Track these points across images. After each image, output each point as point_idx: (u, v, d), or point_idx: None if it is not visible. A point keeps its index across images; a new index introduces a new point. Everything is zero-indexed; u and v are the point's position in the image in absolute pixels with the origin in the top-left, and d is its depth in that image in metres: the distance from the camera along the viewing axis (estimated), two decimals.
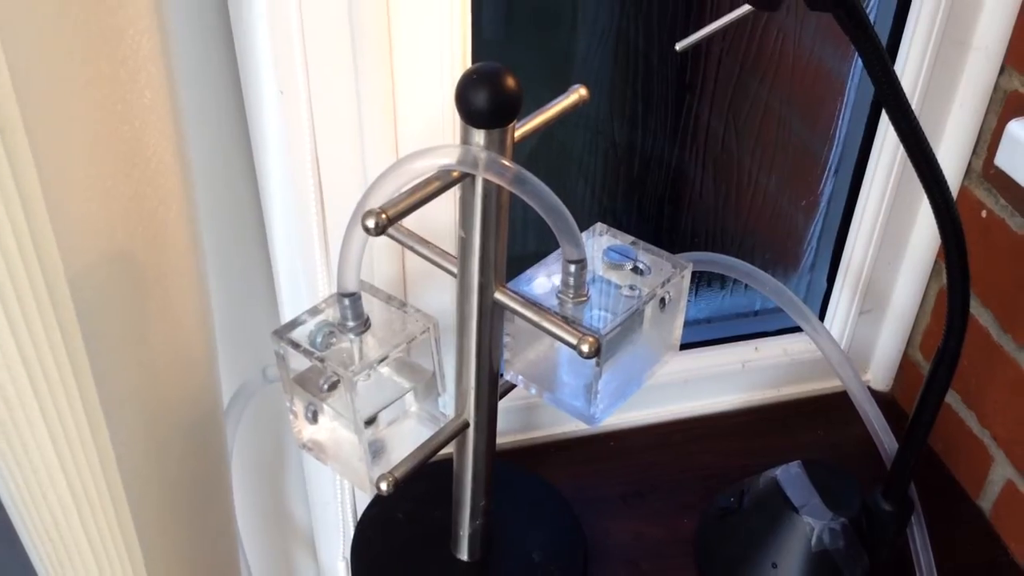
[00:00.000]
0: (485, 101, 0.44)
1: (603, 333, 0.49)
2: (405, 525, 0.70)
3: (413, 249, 0.54)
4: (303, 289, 0.63)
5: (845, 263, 0.77)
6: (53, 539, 0.54)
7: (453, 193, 0.48)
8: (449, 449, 0.60)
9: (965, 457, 0.75)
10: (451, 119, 0.58)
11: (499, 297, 0.52)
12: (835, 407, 0.82)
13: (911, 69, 0.66)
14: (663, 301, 0.55)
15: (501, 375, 0.57)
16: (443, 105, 0.58)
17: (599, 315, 0.52)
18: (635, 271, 0.55)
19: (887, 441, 0.67)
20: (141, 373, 0.51)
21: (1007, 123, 0.61)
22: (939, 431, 0.77)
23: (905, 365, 0.82)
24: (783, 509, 0.65)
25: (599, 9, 0.67)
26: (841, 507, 0.64)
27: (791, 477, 0.67)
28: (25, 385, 0.47)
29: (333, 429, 0.57)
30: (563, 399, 0.55)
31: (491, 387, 0.57)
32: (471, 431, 0.59)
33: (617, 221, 0.58)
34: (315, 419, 0.57)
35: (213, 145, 0.61)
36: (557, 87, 0.51)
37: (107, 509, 0.53)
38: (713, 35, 0.49)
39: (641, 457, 0.79)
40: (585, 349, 0.48)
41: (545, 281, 0.54)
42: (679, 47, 0.50)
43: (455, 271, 0.53)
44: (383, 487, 0.54)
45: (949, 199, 0.50)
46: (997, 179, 0.67)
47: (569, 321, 0.50)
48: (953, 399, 0.75)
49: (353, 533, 0.70)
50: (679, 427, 0.81)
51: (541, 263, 0.55)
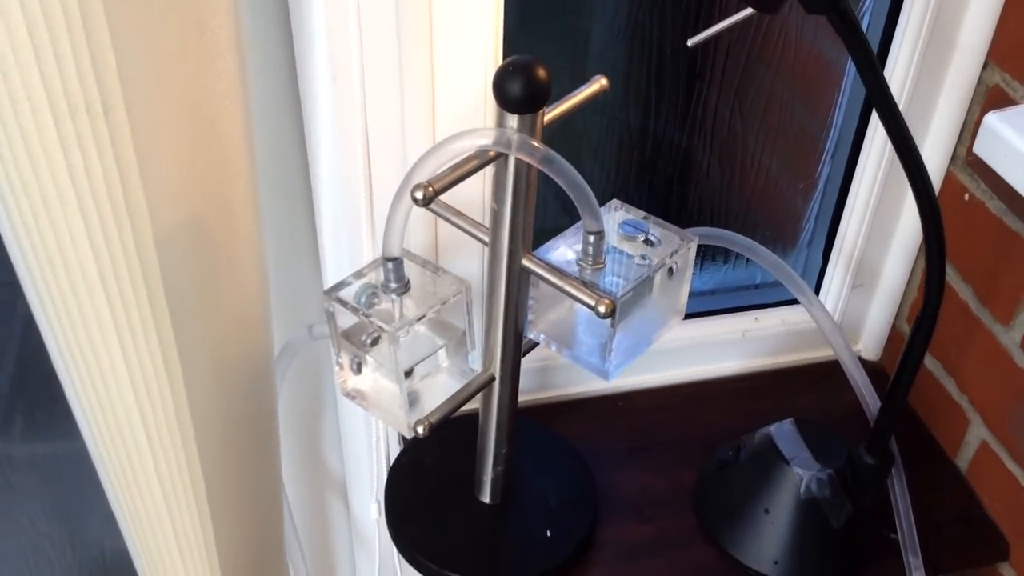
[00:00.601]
0: (519, 90, 0.50)
1: (618, 296, 0.55)
2: (433, 471, 0.76)
3: (449, 220, 0.60)
4: (345, 256, 0.69)
5: (839, 241, 0.83)
6: (127, 474, 0.61)
7: (483, 171, 0.54)
8: (474, 404, 0.66)
9: (944, 420, 0.81)
10: (481, 105, 0.64)
11: (526, 263, 0.58)
12: (828, 375, 0.88)
13: (902, 64, 0.72)
14: (671, 270, 0.61)
15: (525, 334, 0.63)
16: (475, 92, 0.63)
17: (614, 281, 0.58)
18: (646, 243, 0.61)
19: (872, 404, 0.73)
20: (210, 325, 0.57)
21: (986, 115, 0.67)
22: (921, 396, 0.83)
23: (893, 336, 0.87)
24: (775, 461, 0.71)
25: (618, 4, 0.72)
26: (828, 460, 0.70)
27: (784, 433, 0.73)
28: (112, 336, 0.54)
29: (375, 379, 0.63)
30: (580, 356, 0.61)
31: (516, 345, 0.63)
32: (496, 384, 0.65)
33: (630, 198, 0.64)
34: (359, 370, 0.63)
35: (270, 127, 0.67)
36: (577, 75, 0.56)
37: (177, 447, 0.60)
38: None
39: (647, 416, 0.85)
40: (602, 310, 0.54)
41: (566, 250, 0.60)
42: (691, 43, 0.56)
43: (487, 240, 0.59)
44: (420, 430, 0.61)
45: (928, 185, 0.56)
46: (978, 166, 0.72)
47: (588, 285, 0.56)
48: (935, 367, 0.81)
49: (386, 478, 0.76)
50: (683, 390, 0.87)
51: (562, 235, 0.61)
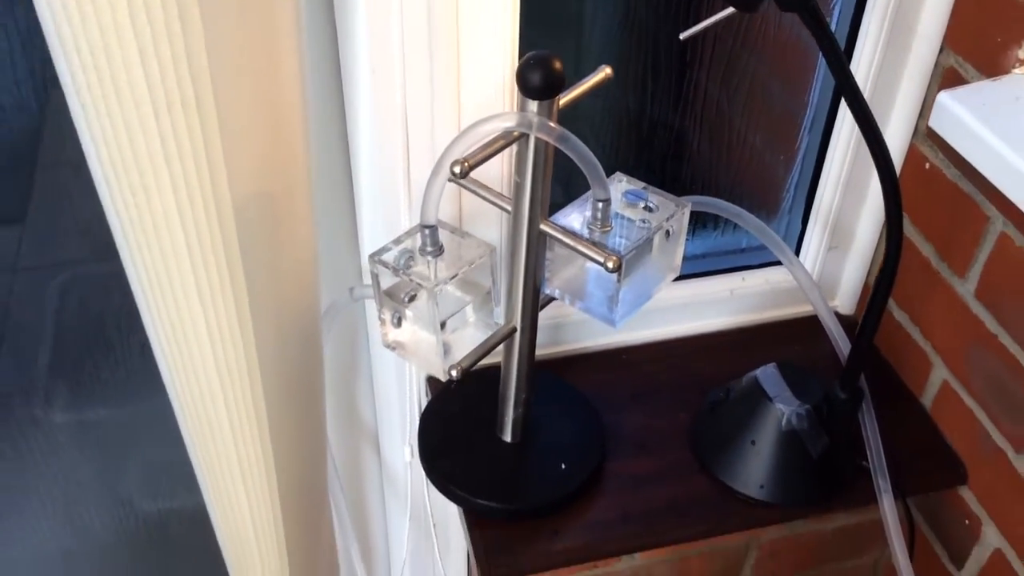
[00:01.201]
0: (539, 80, 0.59)
1: (623, 254, 0.64)
2: (459, 417, 0.86)
3: (476, 193, 0.69)
4: (381, 227, 0.78)
5: (816, 207, 0.92)
6: (199, 411, 0.70)
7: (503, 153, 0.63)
8: (495, 358, 0.75)
9: (910, 364, 0.90)
10: (499, 93, 0.72)
11: (544, 228, 0.67)
12: (808, 328, 0.96)
13: (868, 49, 0.80)
14: (668, 233, 0.70)
15: (542, 290, 0.72)
16: (494, 83, 0.72)
17: (619, 241, 0.67)
18: (646, 209, 0.69)
19: (846, 350, 0.82)
20: (273, 285, 0.66)
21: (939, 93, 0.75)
22: (890, 344, 0.93)
23: (866, 292, 0.96)
24: (760, 399, 0.80)
25: (617, 1, 0.81)
26: (806, 397, 0.79)
27: (767, 375, 0.82)
28: (194, 295, 0.62)
29: (413, 331, 0.72)
30: (591, 307, 0.70)
31: (534, 300, 0.72)
32: (517, 335, 0.74)
33: (629, 172, 0.72)
34: (399, 324, 0.72)
35: (316, 117, 0.75)
36: (582, 64, 0.65)
37: (245, 391, 0.68)
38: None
39: (647, 367, 0.94)
40: (610, 266, 0.63)
41: (577, 216, 0.68)
42: (682, 37, 0.65)
43: (509, 208, 0.68)
44: (453, 374, 0.70)
45: (887, 156, 0.65)
46: (936, 138, 0.81)
47: (597, 245, 0.65)
48: (902, 317, 0.90)
49: (418, 424, 0.85)
50: (678, 343, 0.96)
51: (573, 204, 0.69)
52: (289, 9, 0.57)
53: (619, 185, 0.71)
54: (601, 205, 0.65)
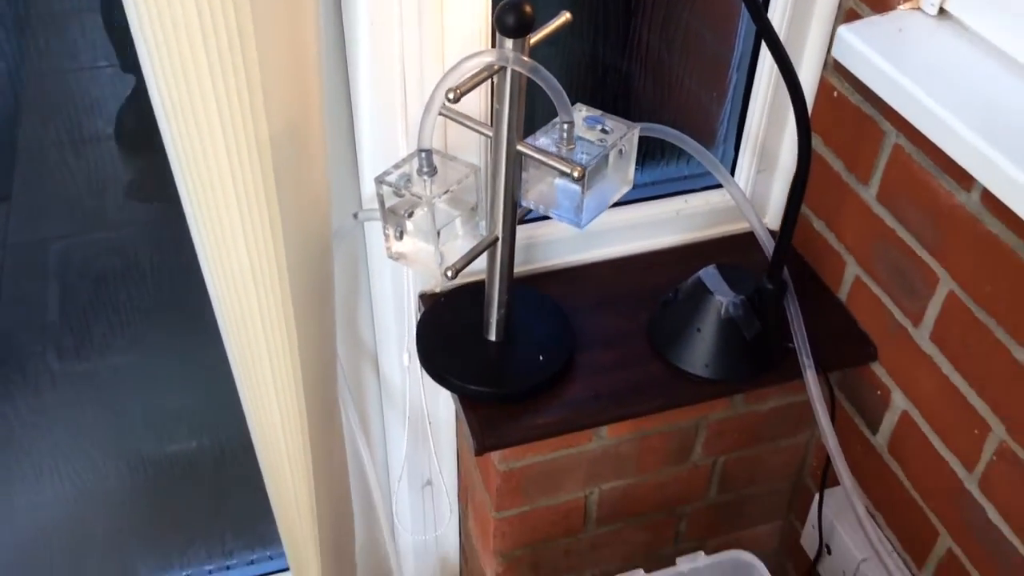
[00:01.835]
0: (514, 21, 0.71)
1: (586, 165, 0.78)
2: (449, 324, 0.99)
3: (462, 122, 0.82)
4: (380, 156, 0.90)
5: (746, 135, 1.06)
6: (235, 306, 0.82)
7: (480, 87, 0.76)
8: (479, 276, 0.88)
9: (828, 264, 1.05)
10: (476, 36, 0.85)
11: (520, 148, 0.80)
12: (744, 243, 1.11)
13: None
14: (621, 151, 0.84)
15: (520, 203, 0.85)
16: (471, 27, 0.84)
17: (582, 156, 0.80)
18: (603, 131, 0.83)
19: (772, 249, 0.96)
20: (299, 202, 0.78)
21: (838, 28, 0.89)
22: (809, 249, 1.07)
23: None
24: (703, 294, 0.95)
25: None
26: (741, 289, 0.94)
27: (709, 274, 0.96)
28: (235, 211, 0.75)
29: (413, 243, 0.85)
30: (561, 214, 0.83)
31: (513, 212, 0.86)
32: (499, 244, 0.87)
33: None
34: (401, 237, 0.85)
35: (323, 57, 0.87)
36: (543, 14, 0.77)
37: (274, 285, 0.80)
38: None
39: (608, 279, 1.08)
40: (575, 175, 0.77)
41: (547, 139, 0.81)
42: None
43: (490, 134, 0.81)
44: (448, 274, 0.83)
45: (797, 86, 0.79)
46: (841, 70, 0.95)
47: (564, 159, 0.78)
48: (819, 225, 1.05)
49: (415, 330, 0.99)
50: (634, 259, 1.10)
51: (542, 129, 0.82)
52: None
53: (580, 113, 0.84)
54: (566, 127, 0.78)
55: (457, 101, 0.72)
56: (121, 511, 1.28)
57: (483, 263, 0.90)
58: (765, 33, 0.78)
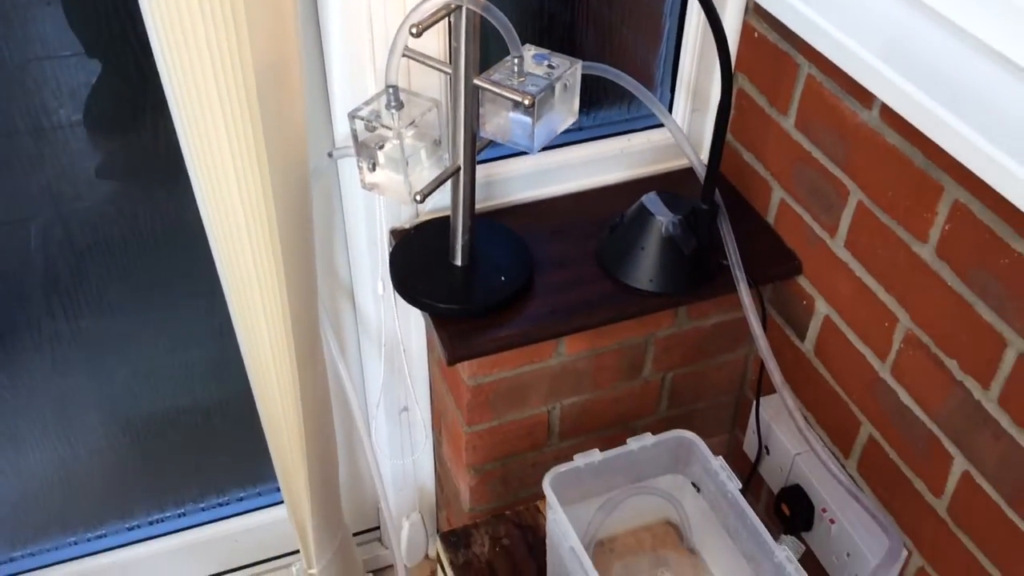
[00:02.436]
0: None
1: (535, 93, 0.87)
2: (419, 255, 1.07)
3: (424, 61, 0.91)
4: (350, 97, 0.98)
5: (680, 78, 1.16)
6: (230, 247, 0.90)
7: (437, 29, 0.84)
8: (444, 212, 0.97)
9: (756, 191, 1.16)
10: None
11: (477, 82, 0.89)
12: (683, 177, 1.21)
13: None
14: (566, 85, 0.93)
15: (478, 135, 0.94)
16: None
17: (532, 87, 0.89)
18: (549, 67, 0.92)
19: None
20: (281, 134, 0.86)
21: None
22: (740, 179, 1.18)
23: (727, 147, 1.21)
24: (646, 216, 1.04)
25: None
26: (679, 211, 1.04)
27: (650, 199, 1.06)
28: (224, 138, 0.83)
29: (385, 173, 0.93)
30: (515, 140, 0.92)
31: (472, 143, 0.95)
32: (461, 173, 0.96)
33: None
34: (373, 169, 0.94)
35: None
36: None
37: (262, 217, 0.89)
38: None
39: (560, 213, 1.17)
40: (526, 103, 0.86)
41: (499, 75, 0.90)
42: None
43: (448, 71, 0.90)
44: (417, 199, 0.92)
45: (720, 28, 0.89)
46: (760, 11, 1.05)
47: (517, 90, 0.87)
48: (748, 157, 1.16)
49: (388, 260, 1.07)
50: (583, 195, 1.19)
51: (494, 66, 0.91)
52: None
53: (528, 52, 0.93)
54: (517, 61, 0.87)
55: (419, 35, 0.81)
56: (116, 460, 1.36)
57: (447, 199, 0.99)
58: None
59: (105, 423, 1.32)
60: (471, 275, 1.05)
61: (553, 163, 1.16)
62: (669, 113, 1.19)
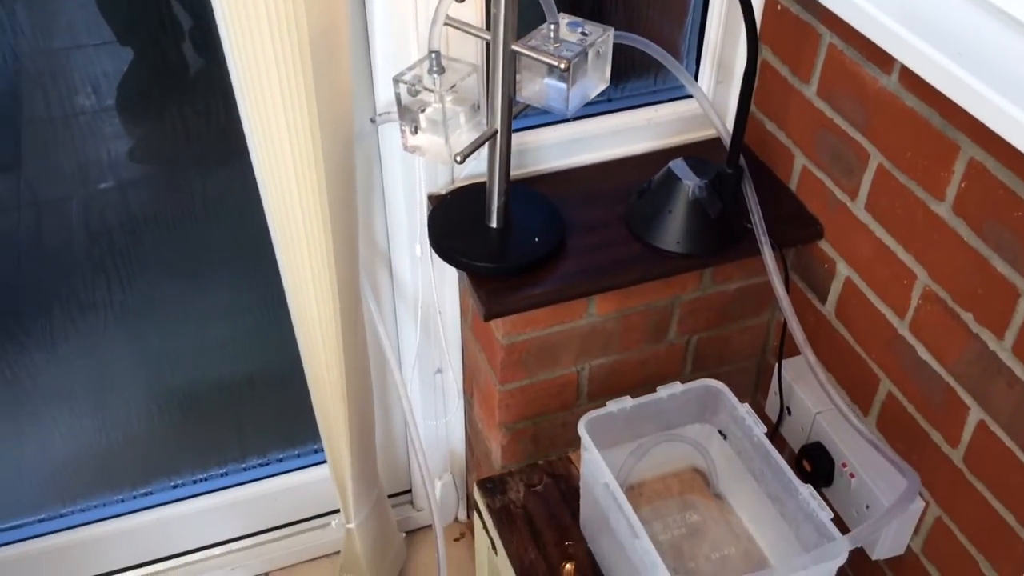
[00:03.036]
0: None
1: (571, 58, 0.91)
2: (455, 217, 1.12)
3: (463, 29, 0.95)
4: (391, 66, 1.03)
5: (705, 51, 1.20)
6: (281, 198, 0.95)
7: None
8: (480, 174, 1.02)
9: (779, 159, 1.20)
10: None
11: (515, 47, 0.93)
12: (708, 147, 1.26)
13: None
14: (599, 52, 0.98)
15: (515, 100, 0.99)
16: None
17: (567, 52, 0.94)
18: (583, 34, 0.97)
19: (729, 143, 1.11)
20: (330, 94, 0.91)
21: None
22: (763, 148, 1.22)
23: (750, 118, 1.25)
24: (673, 180, 1.09)
25: None
26: (705, 175, 1.08)
27: (677, 165, 1.10)
28: (279, 100, 0.88)
29: (426, 136, 0.98)
30: (551, 104, 0.97)
31: (509, 107, 0.99)
32: (498, 136, 1.01)
33: None
34: (415, 132, 0.99)
35: None
36: None
37: (311, 177, 0.94)
38: None
39: (590, 180, 1.22)
40: (562, 67, 0.91)
41: (536, 40, 0.95)
42: None
43: (488, 37, 0.95)
44: (457, 159, 0.97)
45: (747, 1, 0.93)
46: None
47: (553, 54, 0.92)
48: (771, 127, 1.20)
49: (426, 222, 1.12)
50: (612, 164, 1.24)
51: (531, 33, 0.96)
52: None
53: (563, 19, 0.98)
54: (552, 27, 0.92)
55: (462, 1, 0.85)
56: (162, 422, 1.42)
57: (482, 166, 1.03)
58: None
59: (152, 388, 1.37)
60: (506, 237, 1.09)
61: (583, 132, 1.21)
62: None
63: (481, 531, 1.08)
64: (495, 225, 1.09)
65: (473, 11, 1.02)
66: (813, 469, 1.17)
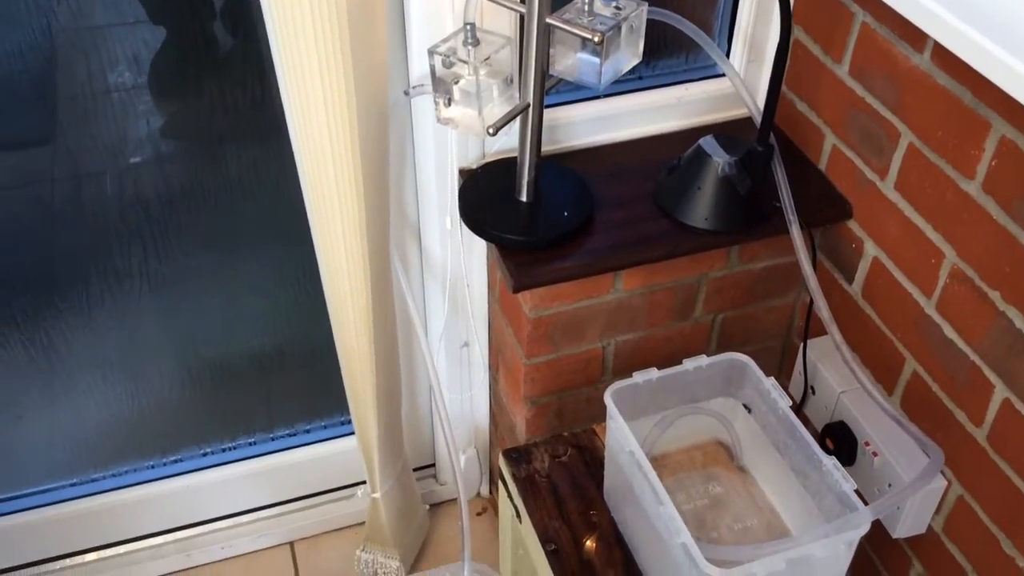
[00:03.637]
0: None
1: (604, 31, 0.93)
2: (486, 191, 1.14)
3: (497, 1, 0.97)
4: (426, 40, 1.05)
5: (738, 30, 1.21)
6: (317, 168, 0.97)
7: None
8: (511, 149, 1.03)
9: (810, 139, 1.20)
10: None
11: (549, 20, 0.95)
12: (738, 127, 1.26)
13: None
14: (632, 27, 0.99)
15: (548, 73, 1.00)
16: None
17: (601, 26, 0.95)
18: (616, 8, 0.98)
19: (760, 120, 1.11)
20: (366, 67, 0.93)
21: None
22: (793, 128, 1.22)
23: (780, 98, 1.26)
24: (703, 157, 1.10)
25: None
26: (734, 153, 1.09)
27: (707, 142, 1.11)
28: (316, 75, 0.90)
29: (460, 108, 1.00)
30: (583, 78, 0.98)
31: (542, 81, 1.00)
32: (531, 110, 1.02)
33: None
34: (449, 104, 1.00)
35: None
36: None
37: (347, 146, 0.96)
38: None
39: (619, 157, 1.23)
40: (596, 40, 0.92)
41: (570, 14, 0.96)
42: None
43: (522, 10, 0.96)
44: (490, 131, 0.98)
45: None
46: None
47: (587, 27, 0.93)
48: (802, 106, 1.20)
49: (457, 195, 1.14)
50: (642, 141, 1.25)
51: (565, 7, 0.97)
52: None
53: None
54: (587, 1, 0.93)
55: None
56: (193, 392, 1.45)
57: (513, 140, 1.05)
58: None
59: (183, 357, 1.40)
60: (536, 210, 1.11)
61: (613, 110, 1.22)
62: None
63: (505, 500, 1.09)
64: (525, 199, 1.11)
65: None
66: (836, 448, 1.18)
